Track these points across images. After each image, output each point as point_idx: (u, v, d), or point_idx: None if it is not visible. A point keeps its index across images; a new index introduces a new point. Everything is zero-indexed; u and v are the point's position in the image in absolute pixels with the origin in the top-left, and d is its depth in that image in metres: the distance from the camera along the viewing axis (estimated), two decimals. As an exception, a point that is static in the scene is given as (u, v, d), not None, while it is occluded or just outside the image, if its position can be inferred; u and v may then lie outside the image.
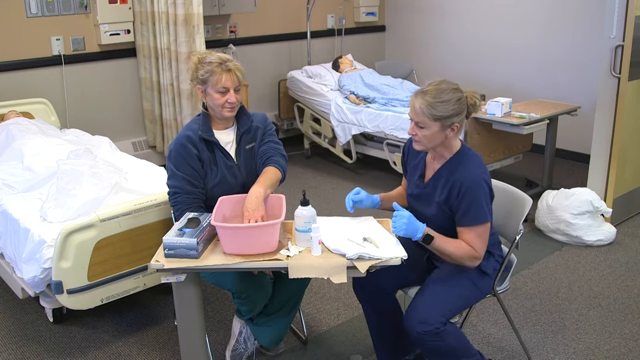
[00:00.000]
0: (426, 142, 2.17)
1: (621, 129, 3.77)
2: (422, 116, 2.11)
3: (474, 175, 2.14)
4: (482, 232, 2.16)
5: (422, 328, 2.10)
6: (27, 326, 2.99)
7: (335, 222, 2.35)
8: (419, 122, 2.13)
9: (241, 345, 2.61)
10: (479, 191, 2.13)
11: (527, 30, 5.53)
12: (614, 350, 2.74)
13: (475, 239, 2.15)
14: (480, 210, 2.14)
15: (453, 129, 2.14)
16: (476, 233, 2.15)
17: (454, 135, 2.17)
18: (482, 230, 2.16)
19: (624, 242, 3.83)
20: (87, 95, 4.84)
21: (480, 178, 2.14)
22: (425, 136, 2.14)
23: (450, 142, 2.20)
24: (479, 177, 2.14)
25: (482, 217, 2.15)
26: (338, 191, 4.83)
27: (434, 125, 2.11)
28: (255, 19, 5.73)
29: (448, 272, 2.25)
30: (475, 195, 2.13)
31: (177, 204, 2.38)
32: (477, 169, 2.17)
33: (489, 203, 2.18)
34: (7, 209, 2.95)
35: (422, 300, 2.19)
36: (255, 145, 2.53)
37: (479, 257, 2.17)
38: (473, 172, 2.15)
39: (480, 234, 2.16)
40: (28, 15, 4.43)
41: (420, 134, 2.15)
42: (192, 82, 2.45)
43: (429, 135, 2.14)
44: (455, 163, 2.20)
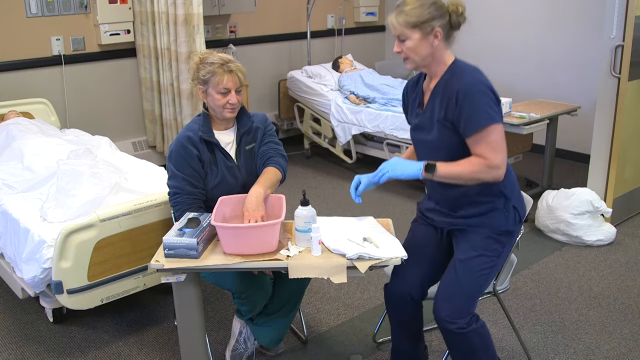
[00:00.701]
0: (414, 55, 2.07)
1: (621, 129, 3.77)
2: (400, 27, 2.05)
3: (470, 81, 2.04)
4: (494, 138, 2.00)
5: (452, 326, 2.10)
6: (27, 326, 2.99)
7: (335, 222, 2.35)
8: (399, 35, 2.07)
9: (241, 345, 2.61)
10: (478, 94, 2.01)
11: (527, 30, 5.53)
12: (614, 350, 2.74)
13: (486, 147, 2.00)
14: (483, 113, 2.00)
15: (436, 35, 2.04)
16: (486, 140, 2.00)
17: (441, 44, 2.07)
18: (493, 136, 2.00)
19: (624, 242, 3.83)
20: (87, 95, 4.84)
21: (477, 82, 2.04)
22: (410, 48, 2.06)
23: (441, 55, 2.10)
24: (476, 82, 2.04)
25: (487, 119, 2.00)
26: (338, 191, 4.83)
27: (414, 33, 2.04)
28: (255, 19, 5.73)
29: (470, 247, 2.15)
30: (474, 99, 2.01)
31: (177, 204, 2.38)
32: (472, 75, 2.07)
33: (494, 106, 2.03)
34: (7, 209, 2.95)
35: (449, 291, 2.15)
36: (255, 146, 2.53)
37: (497, 165, 2.01)
38: (468, 79, 2.05)
39: (490, 141, 2.00)
40: (28, 15, 4.43)
41: (404, 48, 2.07)
42: (193, 81, 2.45)
43: (413, 46, 2.05)
44: (449, 75, 2.10)
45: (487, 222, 2.16)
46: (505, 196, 2.15)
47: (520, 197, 2.24)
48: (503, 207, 2.15)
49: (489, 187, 2.12)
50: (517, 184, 2.24)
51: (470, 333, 2.11)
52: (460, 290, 2.14)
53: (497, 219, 2.15)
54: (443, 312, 2.13)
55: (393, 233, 2.27)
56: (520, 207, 2.21)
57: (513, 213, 2.17)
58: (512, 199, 2.17)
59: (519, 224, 2.21)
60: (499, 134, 2.02)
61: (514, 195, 2.19)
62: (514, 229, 2.19)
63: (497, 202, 2.15)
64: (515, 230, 2.21)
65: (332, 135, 5.27)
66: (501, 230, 2.16)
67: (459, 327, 2.10)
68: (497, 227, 2.16)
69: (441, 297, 2.16)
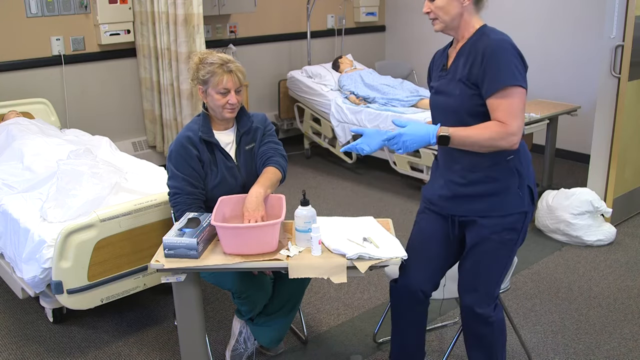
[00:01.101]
0: (443, 14, 2.01)
1: (621, 129, 3.77)
2: None
3: (498, 40, 1.96)
4: (515, 101, 1.91)
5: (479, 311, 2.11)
6: (27, 326, 2.99)
7: (335, 222, 2.35)
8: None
9: (241, 345, 2.61)
10: (506, 53, 1.92)
11: (527, 30, 5.53)
12: (614, 350, 2.74)
13: (505, 110, 1.91)
14: (508, 72, 1.90)
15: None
16: (507, 102, 1.91)
17: (471, 6, 2.02)
18: (515, 99, 1.91)
19: (624, 242, 3.83)
20: (87, 95, 4.84)
21: (506, 42, 1.95)
22: (440, 7, 2.01)
23: (470, 18, 2.04)
24: (504, 42, 1.95)
25: (512, 79, 1.91)
26: (338, 191, 4.83)
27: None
28: (255, 19, 5.73)
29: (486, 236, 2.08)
30: (500, 58, 1.92)
31: (177, 205, 2.38)
32: (501, 36, 1.98)
33: (521, 69, 1.94)
34: (7, 209, 2.95)
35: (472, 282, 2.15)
36: (255, 146, 2.53)
37: (513, 132, 1.91)
38: (496, 38, 1.96)
39: (511, 103, 1.90)
40: (28, 15, 4.43)
41: (433, 7, 2.02)
42: (192, 81, 2.45)
43: (443, 4, 2.00)
44: (477, 37, 2.02)
45: (500, 205, 2.05)
46: (520, 174, 2.06)
47: (533, 177, 2.13)
48: (517, 187, 2.05)
49: (503, 163, 2.03)
50: (531, 162, 2.14)
51: (494, 319, 2.13)
52: (483, 280, 2.13)
53: (511, 201, 2.05)
54: (469, 301, 2.14)
55: (393, 233, 2.26)
56: (534, 186, 2.11)
57: (528, 193, 2.08)
58: (527, 177, 2.08)
59: (533, 204, 2.12)
60: (520, 99, 1.93)
61: (529, 174, 2.10)
62: (528, 209, 2.09)
63: (510, 180, 2.05)
64: (530, 211, 2.10)
65: (332, 135, 5.27)
66: (516, 212, 2.06)
67: (486, 313, 2.12)
68: (512, 209, 2.05)
69: (465, 289, 2.17)
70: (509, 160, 2.03)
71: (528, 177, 2.09)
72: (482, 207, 2.08)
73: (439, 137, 1.94)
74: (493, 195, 2.06)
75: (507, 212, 2.06)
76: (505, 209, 2.06)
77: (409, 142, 1.96)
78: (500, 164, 2.04)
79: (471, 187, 2.08)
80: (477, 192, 2.08)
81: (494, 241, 2.08)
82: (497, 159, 2.03)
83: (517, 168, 2.05)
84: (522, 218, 2.09)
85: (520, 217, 2.08)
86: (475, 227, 2.11)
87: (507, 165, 2.04)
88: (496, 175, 2.05)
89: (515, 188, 2.06)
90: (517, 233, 2.10)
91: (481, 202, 2.07)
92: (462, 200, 2.11)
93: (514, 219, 2.07)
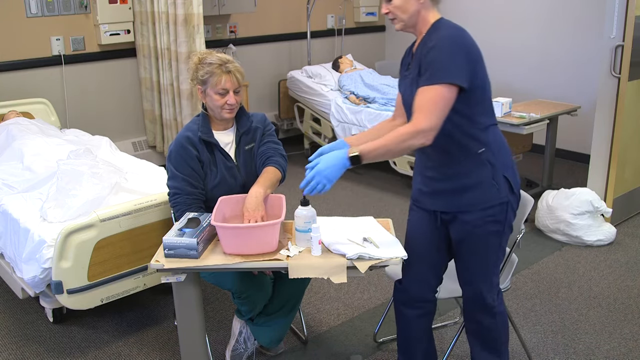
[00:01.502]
0: (401, 13, 2.00)
1: (621, 129, 3.77)
2: None
3: (444, 37, 1.92)
4: (429, 96, 1.85)
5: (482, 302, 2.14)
6: (27, 326, 2.99)
7: (335, 222, 2.34)
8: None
9: (241, 345, 2.61)
10: (445, 49, 1.88)
11: (527, 30, 5.53)
12: (614, 350, 2.74)
13: (418, 106, 1.87)
14: (441, 68, 1.86)
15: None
16: (421, 98, 1.87)
17: (429, 3, 2.00)
18: (432, 93, 1.85)
19: (624, 242, 3.83)
20: (87, 95, 4.84)
21: (451, 37, 1.91)
22: (397, 7, 1.99)
23: (427, 13, 2.01)
24: (449, 37, 1.91)
25: (440, 75, 1.86)
26: (338, 191, 4.83)
27: None
28: (255, 19, 5.73)
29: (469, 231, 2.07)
30: (438, 54, 1.88)
31: (177, 205, 2.38)
32: (448, 31, 1.94)
33: (460, 66, 1.88)
34: (7, 209, 2.95)
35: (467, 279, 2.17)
36: (254, 146, 2.53)
37: (423, 128, 1.86)
38: (444, 35, 1.93)
39: (425, 99, 1.86)
40: (28, 15, 4.43)
41: (391, 7, 2.01)
42: (192, 82, 2.45)
43: (402, 5, 1.98)
44: (428, 34, 1.99)
45: (478, 198, 2.03)
46: (492, 164, 2.02)
47: (511, 165, 2.09)
48: (492, 179, 2.02)
49: (475, 157, 2.01)
50: (508, 151, 2.11)
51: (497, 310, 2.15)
52: (478, 273, 2.14)
53: (488, 194, 2.03)
54: (469, 293, 2.17)
55: (393, 233, 2.26)
56: (512, 176, 2.07)
57: (504, 183, 2.05)
58: (501, 167, 2.04)
59: (514, 194, 2.08)
60: (439, 94, 1.87)
61: (504, 163, 2.06)
62: (509, 199, 2.06)
63: (483, 173, 2.02)
64: (511, 200, 2.07)
65: (332, 135, 5.27)
66: (495, 203, 2.04)
67: (489, 303, 2.14)
68: (490, 201, 2.03)
69: (464, 282, 2.18)
70: (480, 153, 2.02)
71: (503, 167, 2.06)
72: (460, 203, 2.07)
73: (350, 158, 1.93)
74: (469, 190, 2.05)
75: (487, 205, 2.04)
76: (483, 202, 2.04)
77: (329, 174, 1.95)
78: (471, 158, 2.02)
79: (446, 183, 2.08)
80: (453, 187, 2.07)
81: (478, 235, 2.08)
82: (468, 153, 2.02)
83: (488, 160, 2.03)
84: (504, 209, 2.06)
85: (501, 208, 2.06)
86: (457, 223, 2.10)
87: (478, 159, 2.02)
88: (469, 169, 2.04)
89: (490, 180, 2.03)
90: (501, 224, 2.08)
91: (459, 197, 2.07)
92: (440, 195, 2.11)
93: (495, 211, 2.05)
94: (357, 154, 1.92)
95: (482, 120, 2.02)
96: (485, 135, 2.02)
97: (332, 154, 1.98)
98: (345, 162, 1.94)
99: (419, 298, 2.27)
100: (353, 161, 1.93)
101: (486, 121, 2.03)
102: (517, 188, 2.11)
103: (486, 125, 2.03)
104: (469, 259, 2.14)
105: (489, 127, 2.04)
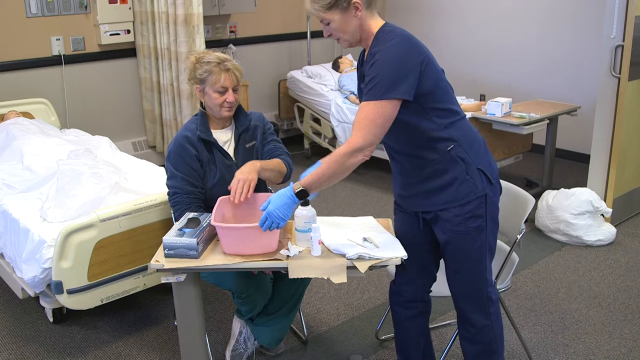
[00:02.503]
0: (343, 34, 1.98)
1: (621, 129, 3.77)
2: (317, 13, 1.97)
3: (382, 50, 1.89)
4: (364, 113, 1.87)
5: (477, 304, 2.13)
6: (27, 326, 2.99)
7: (335, 222, 2.35)
8: (322, 20, 1.98)
9: (241, 345, 2.61)
10: (387, 61, 1.87)
11: (527, 30, 5.53)
12: (614, 350, 2.74)
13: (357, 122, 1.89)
14: (381, 82, 1.85)
15: (356, 6, 1.93)
16: (364, 114, 1.88)
17: (365, 13, 1.95)
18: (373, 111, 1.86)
19: (624, 242, 3.83)
20: (87, 95, 4.84)
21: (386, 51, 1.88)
22: (337, 29, 1.97)
23: (369, 25, 1.98)
24: (385, 51, 1.89)
25: (380, 91, 1.85)
26: (338, 191, 4.83)
27: (334, 14, 1.94)
28: (255, 19, 5.73)
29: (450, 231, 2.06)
30: (379, 67, 1.87)
31: (177, 204, 2.38)
32: (386, 44, 1.91)
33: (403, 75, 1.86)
34: (7, 209, 2.95)
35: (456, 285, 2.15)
36: (256, 144, 2.53)
37: (358, 146, 1.89)
38: (384, 47, 1.90)
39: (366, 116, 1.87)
40: (28, 15, 4.43)
41: (331, 30, 1.99)
42: (189, 81, 2.45)
43: (339, 26, 1.96)
44: (373, 45, 1.96)
45: (454, 195, 2.02)
46: (462, 159, 2.01)
47: (485, 157, 2.07)
48: (466, 174, 2.01)
49: (445, 155, 2.00)
50: (481, 142, 2.09)
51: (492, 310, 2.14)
52: (468, 272, 2.11)
53: (463, 189, 2.01)
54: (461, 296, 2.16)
55: (393, 233, 2.26)
56: (487, 167, 2.05)
57: (479, 176, 2.02)
58: (474, 161, 2.02)
59: (492, 185, 2.06)
60: (373, 110, 1.87)
61: (476, 157, 2.04)
62: (487, 192, 2.04)
63: (456, 169, 2.01)
64: (490, 193, 2.05)
65: (332, 135, 5.27)
66: (472, 198, 2.02)
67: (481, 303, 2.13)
68: (465, 197, 2.01)
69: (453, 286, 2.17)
70: (450, 150, 2.01)
71: (476, 159, 2.03)
72: (439, 201, 2.06)
73: (297, 194, 1.98)
74: (446, 188, 2.03)
75: (464, 201, 2.02)
76: (460, 198, 2.02)
77: (280, 213, 1.99)
78: (443, 156, 2.01)
79: (422, 185, 2.07)
80: (429, 189, 2.06)
81: (460, 232, 2.05)
82: (437, 153, 2.01)
83: (459, 155, 2.01)
84: (482, 202, 2.04)
85: (480, 202, 2.04)
86: (438, 223, 2.09)
87: (449, 156, 2.01)
88: (443, 168, 2.02)
89: (464, 175, 2.01)
90: (482, 218, 2.05)
91: (436, 197, 2.05)
92: (418, 197, 2.10)
93: (473, 206, 2.03)
94: (301, 189, 1.97)
95: (441, 120, 1.99)
96: (450, 132, 2.00)
97: (279, 193, 2.01)
98: (293, 198, 1.99)
99: (412, 299, 2.28)
100: (300, 196, 1.98)
101: (446, 119, 2.00)
102: (494, 178, 2.08)
103: (448, 122, 2.00)
104: (456, 259, 2.11)
105: (454, 123, 2.02)
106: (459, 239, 2.06)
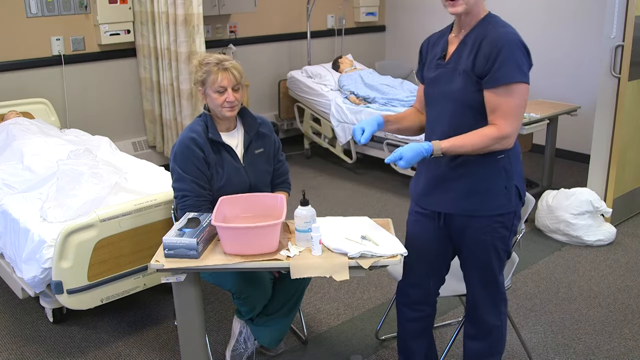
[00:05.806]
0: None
1: (621, 129, 3.77)
2: None
3: (506, 32, 1.92)
4: (515, 101, 1.89)
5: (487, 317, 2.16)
6: (27, 326, 2.99)
7: (332, 222, 2.34)
8: None
9: (241, 345, 2.61)
10: (514, 47, 1.90)
11: (527, 30, 5.50)
12: (614, 350, 2.74)
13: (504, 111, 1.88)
14: (514, 66, 1.88)
15: None
16: (506, 102, 1.88)
17: None
18: (516, 97, 1.89)
19: (624, 242, 3.83)
20: (87, 95, 4.84)
21: (514, 35, 1.92)
22: None
23: (483, 5, 2.00)
24: (512, 34, 1.92)
25: (516, 74, 1.88)
26: (338, 191, 4.83)
27: None
28: (255, 19, 5.72)
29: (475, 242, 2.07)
30: (508, 51, 1.88)
31: (187, 207, 2.36)
32: (508, 28, 1.95)
33: (527, 66, 1.92)
34: (7, 209, 2.95)
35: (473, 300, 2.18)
36: (265, 153, 2.54)
37: (508, 134, 1.90)
38: (504, 30, 1.93)
39: (510, 104, 1.88)
40: (28, 15, 4.43)
41: None
42: (194, 85, 2.46)
43: None
44: (482, 26, 1.97)
45: (486, 204, 2.02)
46: (507, 173, 2.01)
47: (522, 173, 2.10)
48: (504, 187, 2.01)
49: (492, 162, 1.99)
50: (520, 159, 2.10)
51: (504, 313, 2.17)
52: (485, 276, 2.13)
53: (498, 201, 2.02)
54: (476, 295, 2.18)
55: (393, 233, 2.26)
56: (521, 184, 2.08)
57: (515, 192, 2.04)
58: (515, 176, 2.04)
59: (520, 202, 2.09)
60: (522, 97, 1.91)
61: (518, 172, 2.06)
62: (517, 208, 2.07)
63: (498, 180, 2.01)
64: (518, 210, 2.08)
65: (332, 135, 5.27)
66: (504, 212, 2.03)
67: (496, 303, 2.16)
68: (500, 209, 2.02)
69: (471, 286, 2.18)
70: (499, 159, 2.00)
71: (517, 176, 2.05)
72: (467, 205, 2.04)
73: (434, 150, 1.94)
74: (479, 193, 2.02)
75: (496, 212, 2.03)
76: (492, 209, 2.03)
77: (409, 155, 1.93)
78: (489, 162, 2.00)
79: (457, 182, 2.04)
80: (463, 188, 2.04)
81: (486, 242, 2.07)
82: (487, 156, 1.99)
83: (505, 167, 2.01)
84: (512, 217, 2.07)
85: (510, 217, 2.06)
86: (464, 228, 2.08)
87: (496, 165, 2.00)
88: (483, 173, 2.01)
89: (502, 187, 2.02)
90: (508, 230, 2.08)
91: (467, 200, 2.04)
92: (447, 194, 2.07)
93: (504, 219, 2.05)
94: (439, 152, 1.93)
95: None
96: None
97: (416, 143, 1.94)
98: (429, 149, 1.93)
99: (419, 301, 2.28)
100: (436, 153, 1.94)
101: None
102: (524, 196, 2.12)
103: None
104: (478, 266, 2.13)
105: None
106: (484, 247, 2.08)
